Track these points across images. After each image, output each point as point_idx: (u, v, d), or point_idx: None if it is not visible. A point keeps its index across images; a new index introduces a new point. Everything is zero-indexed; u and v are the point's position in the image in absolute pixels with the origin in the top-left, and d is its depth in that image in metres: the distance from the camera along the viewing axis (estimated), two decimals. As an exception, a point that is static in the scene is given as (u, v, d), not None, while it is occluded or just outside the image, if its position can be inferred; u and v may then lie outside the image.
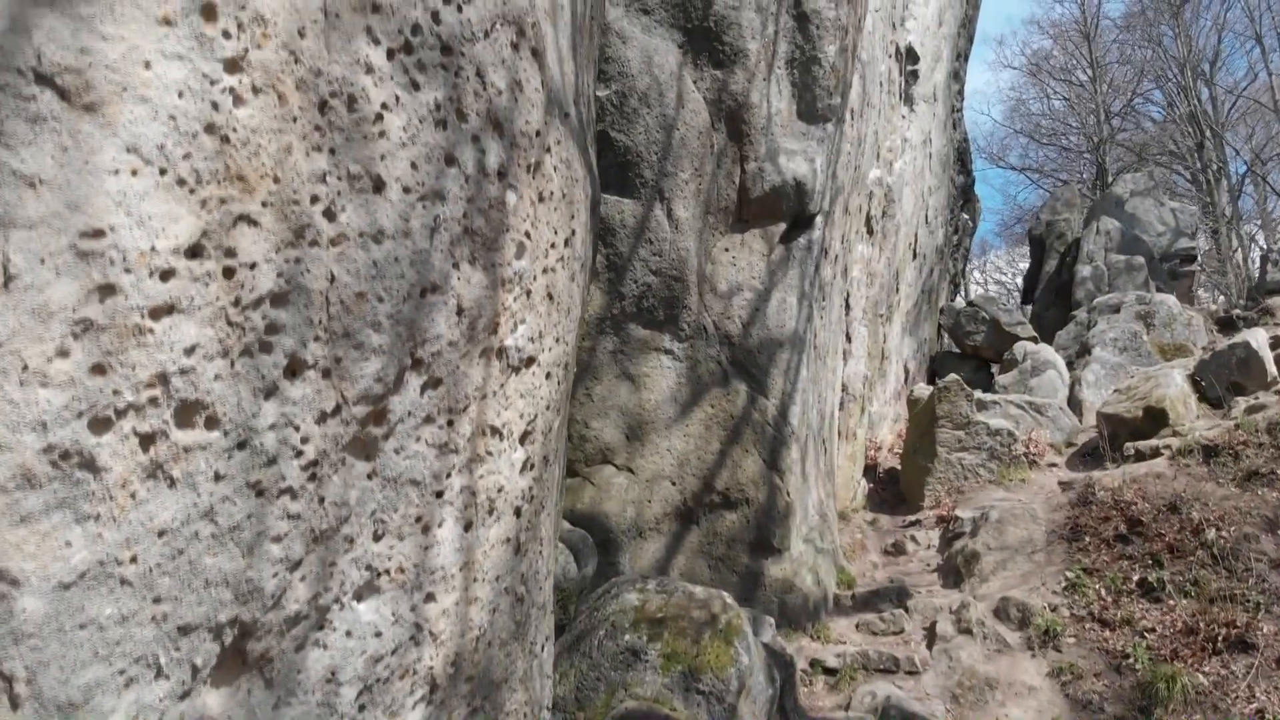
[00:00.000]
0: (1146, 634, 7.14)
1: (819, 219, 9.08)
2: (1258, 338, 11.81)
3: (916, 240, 16.28)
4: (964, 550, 9.06)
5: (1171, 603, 7.38)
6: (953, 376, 12.14)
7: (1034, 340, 16.90)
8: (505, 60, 2.94)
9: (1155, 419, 10.78)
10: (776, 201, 8.70)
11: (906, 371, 16.30)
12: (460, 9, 2.73)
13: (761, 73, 8.70)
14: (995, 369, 17.20)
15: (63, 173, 1.86)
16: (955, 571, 8.99)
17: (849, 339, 12.12)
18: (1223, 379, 11.53)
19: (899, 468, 12.61)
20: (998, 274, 47.31)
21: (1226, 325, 17.56)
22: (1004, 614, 7.78)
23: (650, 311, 8.38)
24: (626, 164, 8.32)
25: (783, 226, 8.85)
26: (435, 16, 2.64)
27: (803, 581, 8.11)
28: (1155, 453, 9.89)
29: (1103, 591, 7.69)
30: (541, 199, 3.25)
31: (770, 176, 8.62)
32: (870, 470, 12.91)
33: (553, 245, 3.38)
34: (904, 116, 14.80)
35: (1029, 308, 24.03)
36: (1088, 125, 35.13)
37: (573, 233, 3.58)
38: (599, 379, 8.33)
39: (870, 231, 12.98)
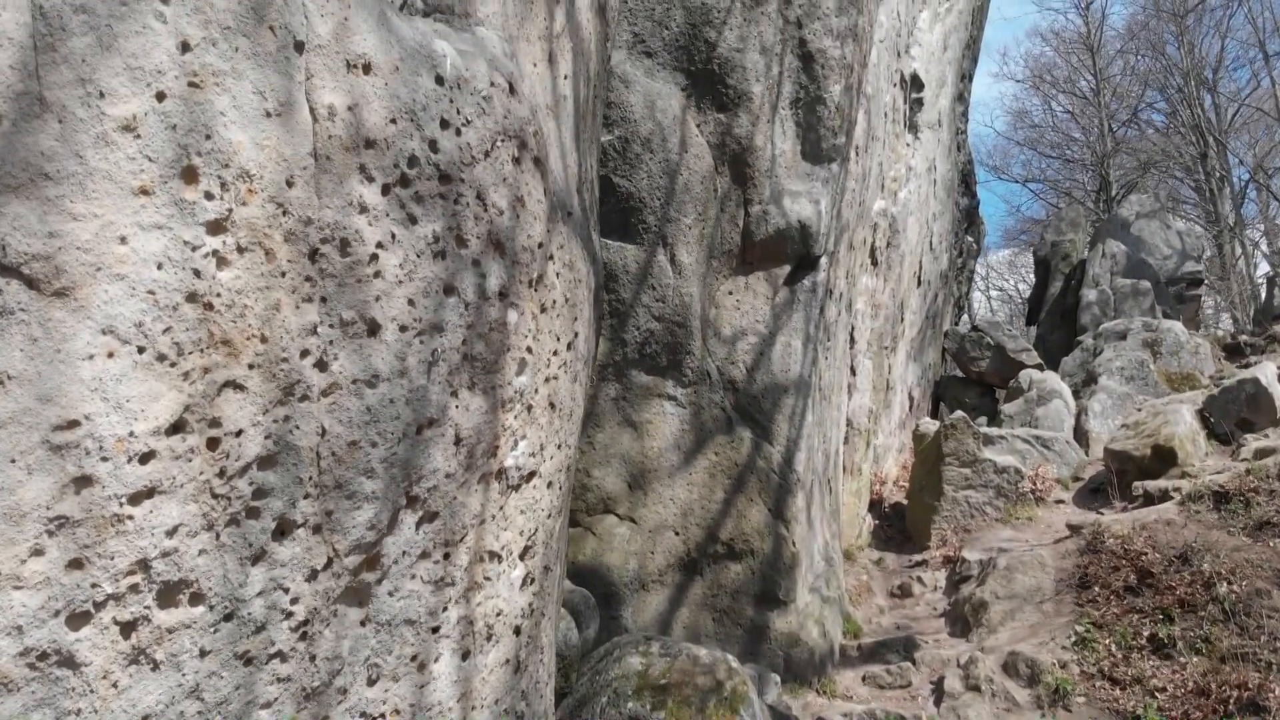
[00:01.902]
0: (1157, 694, 6.99)
1: (824, 259, 8.95)
2: (1267, 373, 11.67)
3: (921, 268, 16.14)
4: (972, 598, 8.93)
5: (1182, 660, 7.24)
6: (959, 414, 12.01)
7: (1039, 368, 16.75)
8: (507, 178, 2.84)
9: (1164, 458, 10.66)
10: (781, 244, 8.58)
11: (911, 399, 16.14)
12: (459, 132, 2.63)
13: (766, 115, 8.60)
14: (1000, 394, 17.04)
15: (33, 365, 1.75)
16: (963, 620, 8.86)
17: (853, 372, 11.97)
18: (1231, 415, 11.40)
19: (905, 502, 12.45)
20: (999, 280, 47.03)
21: (1234, 352, 17.40)
22: (1013, 669, 7.64)
23: (653, 357, 8.27)
24: (629, 209, 8.21)
25: (787, 269, 8.71)
26: (433, 146, 2.54)
27: (808, 634, 7.98)
28: (1165, 495, 9.75)
29: (1113, 647, 7.54)
30: (544, 310, 3.15)
31: (774, 219, 8.51)
32: (875, 505, 12.75)
33: (555, 353, 3.28)
34: (908, 145, 14.67)
35: (1033, 330, 23.88)
36: (1091, 136, 34.98)
37: (575, 335, 3.47)
38: (601, 426, 8.21)
39: (875, 263, 12.84)
